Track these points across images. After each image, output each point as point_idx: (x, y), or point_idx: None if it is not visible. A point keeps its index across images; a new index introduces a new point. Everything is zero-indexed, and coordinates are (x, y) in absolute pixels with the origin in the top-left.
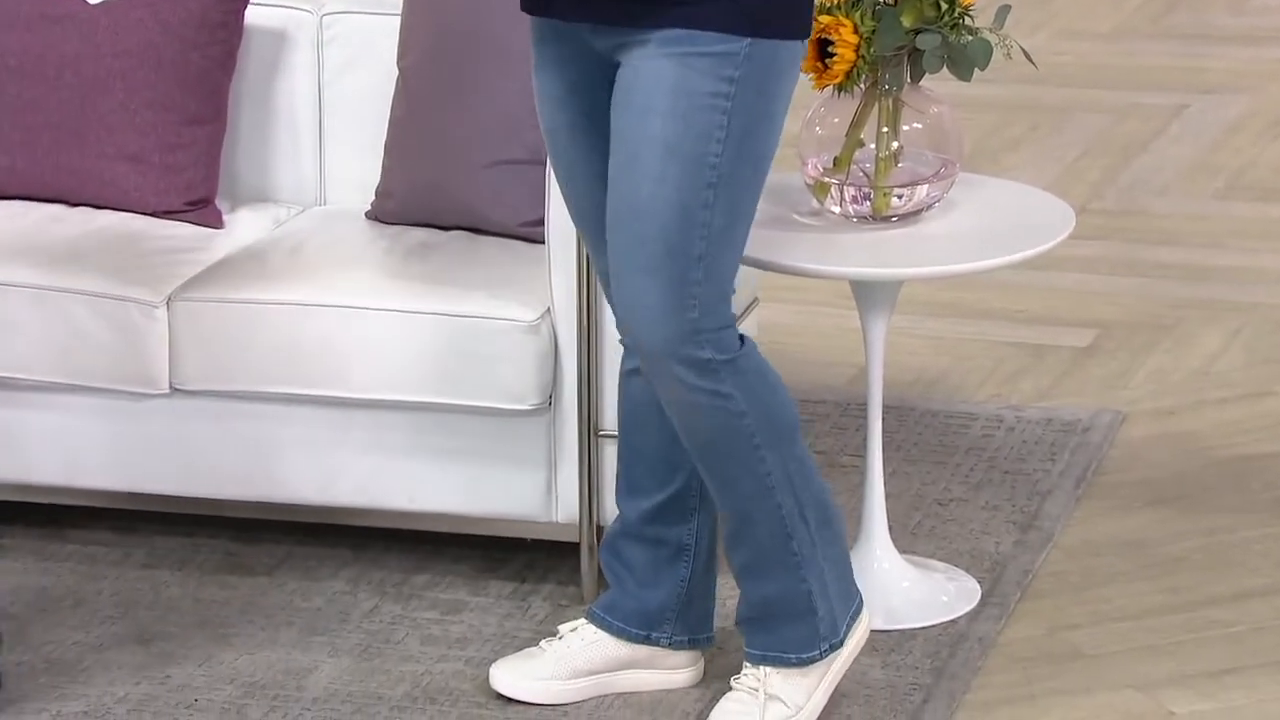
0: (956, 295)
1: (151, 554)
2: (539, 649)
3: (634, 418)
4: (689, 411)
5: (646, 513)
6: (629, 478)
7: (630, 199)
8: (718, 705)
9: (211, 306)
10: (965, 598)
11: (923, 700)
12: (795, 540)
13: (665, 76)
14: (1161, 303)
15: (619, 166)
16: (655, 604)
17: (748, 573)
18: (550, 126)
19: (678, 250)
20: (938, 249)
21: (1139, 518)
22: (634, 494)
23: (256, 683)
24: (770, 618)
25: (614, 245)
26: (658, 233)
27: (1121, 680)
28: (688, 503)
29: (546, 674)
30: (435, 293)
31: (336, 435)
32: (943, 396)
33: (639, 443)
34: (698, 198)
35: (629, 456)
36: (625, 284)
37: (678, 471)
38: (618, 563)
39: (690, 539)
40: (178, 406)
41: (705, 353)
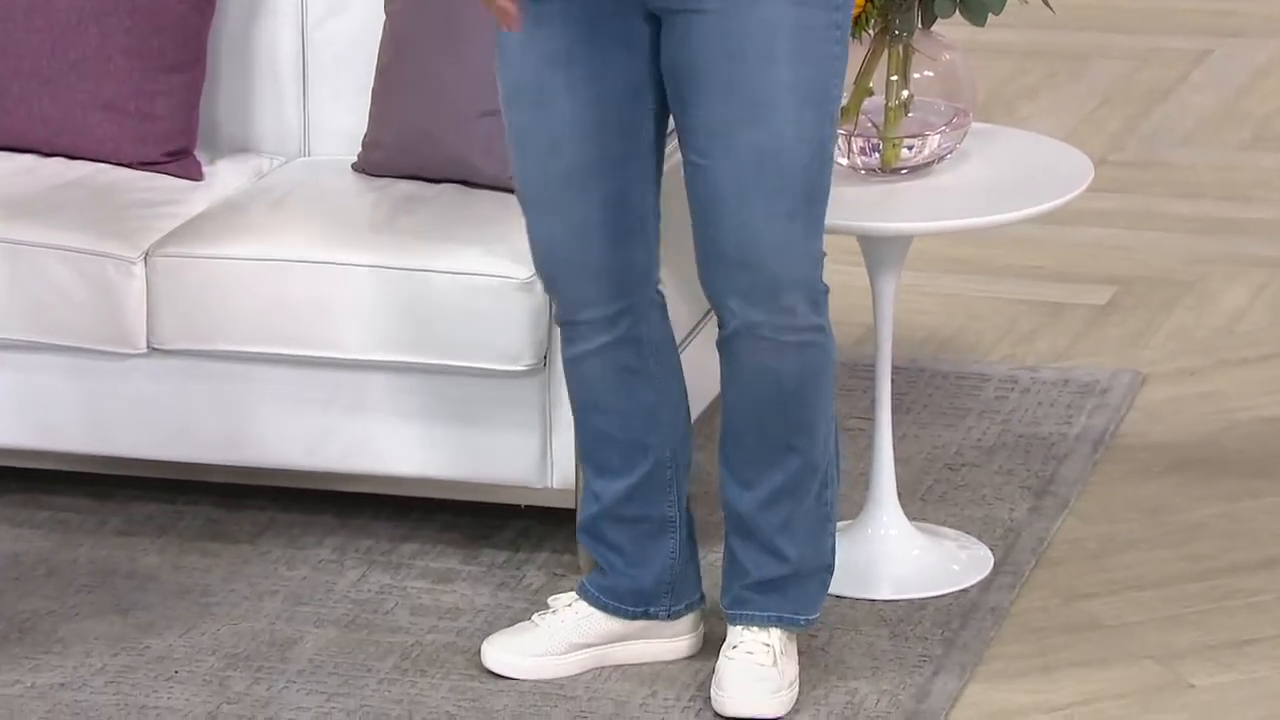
0: (969, 251)
1: (129, 521)
2: (531, 623)
3: (593, 402)
4: (786, 356)
5: (622, 494)
6: (596, 461)
7: (762, 150)
8: (730, 667)
9: (191, 262)
10: (977, 566)
11: (933, 673)
12: (830, 491)
13: (782, 20)
14: (1183, 258)
15: (734, 120)
16: (649, 582)
17: (786, 531)
18: (536, 83)
19: (816, 191)
20: (949, 202)
21: (1159, 483)
22: (605, 475)
23: (239, 654)
24: (793, 578)
25: (738, 197)
26: (799, 178)
27: (1140, 651)
28: (663, 476)
29: (540, 649)
30: (425, 248)
31: (322, 397)
32: (954, 357)
33: (601, 425)
34: (828, 134)
35: (593, 440)
36: (758, 233)
37: (648, 450)
38: (601, 545)
39: (673, 510)
40: (156, 367)
41: (820, 284)
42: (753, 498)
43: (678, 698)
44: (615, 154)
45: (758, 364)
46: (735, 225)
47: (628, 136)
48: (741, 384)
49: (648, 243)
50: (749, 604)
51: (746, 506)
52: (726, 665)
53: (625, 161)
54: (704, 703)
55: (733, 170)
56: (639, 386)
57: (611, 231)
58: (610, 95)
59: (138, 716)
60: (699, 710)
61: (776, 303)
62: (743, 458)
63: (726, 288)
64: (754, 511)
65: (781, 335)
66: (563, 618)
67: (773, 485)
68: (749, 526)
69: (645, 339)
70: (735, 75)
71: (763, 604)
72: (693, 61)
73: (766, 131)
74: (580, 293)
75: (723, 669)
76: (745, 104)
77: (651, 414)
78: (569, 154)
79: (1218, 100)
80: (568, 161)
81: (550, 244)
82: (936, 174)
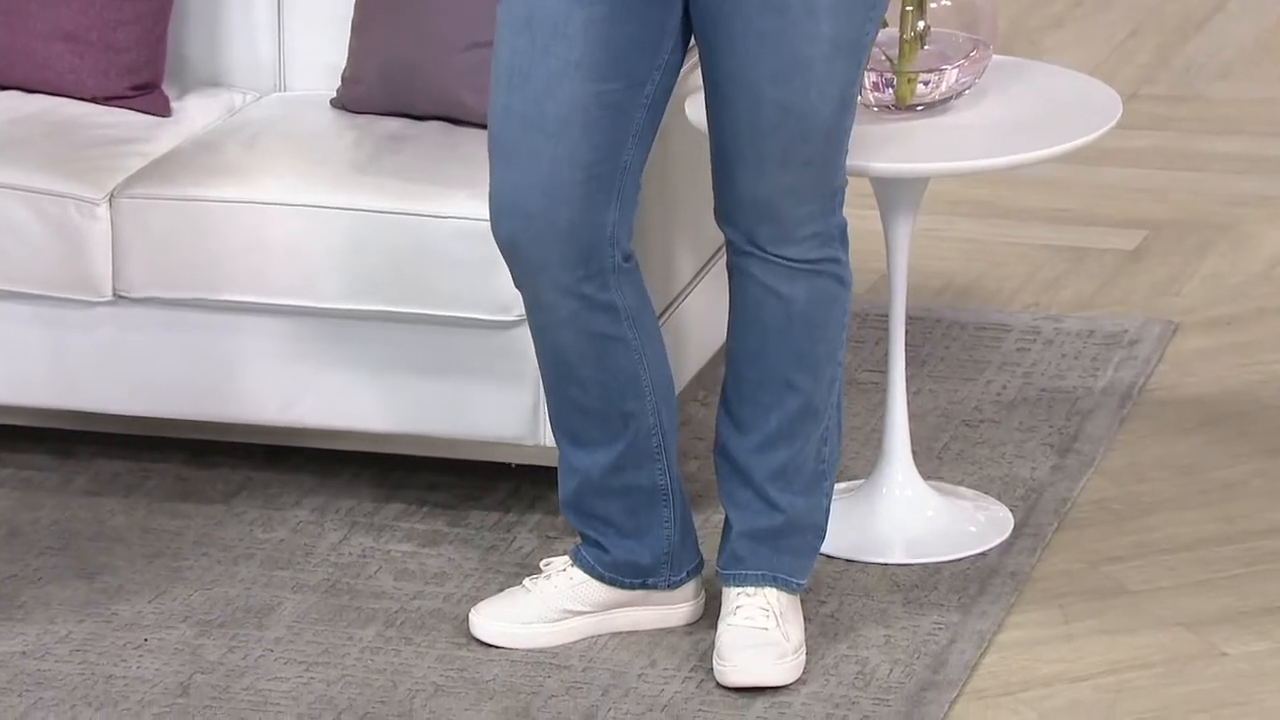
0: (989, 193)
1: (95, 479)
2: (522, 589)
3: (567, 372)
4: (796, 280)
5: (607, 466)
6: (572, 433)
7: (787, 107)
8: (731, 635)
9: (159, 205)
10: (996, 528)
11: (948, 641)
12: (828, 448)
13: None
14: (1219, 199)
15: (765, 75)
16: (646, 555)
17: (778, 479)
18: (550, 17)
19: (836, 134)
20: (968, 141)
21: (1190, 439)
22: (584, 448)
23: (212, 621)
24: (784, 530)
25: (755, 147)
26: (820, 129)
27: (1169, 618)
28: (650, 443)
29: (531, 617)
30: (409, 190)
31: (300, 349)
32: (973, 306)
33: (577, 397)
34: (855, 81)
35: (568, 412)
36: (773, 178)
37: (630, 419)
38: (592, 519)
39: (664, 478)
40: (122, 316)
41: (835, 218)
42: (748, 441)
43: (678, 668)
44: (613, 103)
45: (766, 286)
46: (751, 172)
47: (631, 88)
48: (747, 309)
49: (624, 206)
50: (741, 561)
51: (741, 450)
52: (726, 633)
53: (622, 114)
54: (706, 673)
55: (753, 122)
56: (616, 353)
57: (589, 189)
58: (625, 41)
59: (104, 687)
60: (700, 681)
61: (787, 236)
62: (742, 396)
63: (739, 222)
64: (748, 456)
65: (793, 261)
66: (556, 583)
67: (769, 428)
68: (743, 472)
69: (619, 304)
70: (773, 28)
71: (754, 560)
72: (731, 10)
73: (794, 89)
74: (543, 254)
75: (723, 637)
76: (779, 58)
77: (632, 380)
78: (565, 96)
79: (1257, 30)
80: (562, 105)
81: (519, 196)
82: (954, 111)
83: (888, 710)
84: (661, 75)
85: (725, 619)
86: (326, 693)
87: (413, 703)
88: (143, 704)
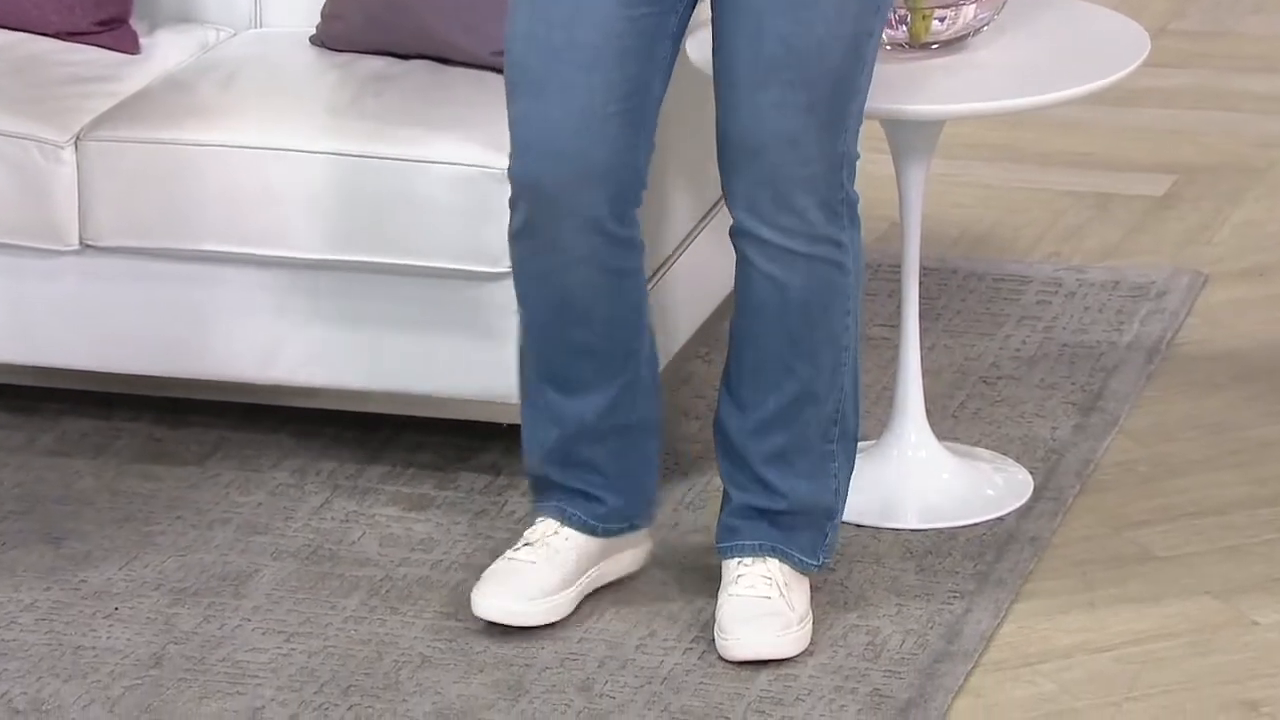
0: (1009, 136)
1: (61, 439)
2: (522, 562)
3: (571, 314)
4: (794, 267)
5: (603, 409)
6: (565, 379)
7: (789, 41)
8: (732, 606)
9: (128, 147)
10: (1015, 491)
11: (964, 610)
12: (839, 429)
13: None
14: (1252, 142)
15: (777, 7)
16: (636, 495)
17: (778, 462)
18: None
19: (845, 87)
20: (986, 81)
21: (1221, 396)
22: (578, 394)
23: (187, 589)
24: (784, 515)
25: (753, 83)
26: (824, 71)
27: (1197, 585)
28: (649, 376)
29: (547, 588)
30: (392, 134)
31: (278, 301)
32: (991, 256)
33: (582, 338)
34: (866, 27)
35: (563, 358)
36: (768, 120)
37: (631, 356)
38: (577, 469)
39: (657, 409)
40: (89, 266)
41: (841, 191)
42: (746, 422)
43: (678, 639)
44: (645, 30)
45: (762, 270)
46: (747, 110)
47: (661, 13)
48: (745, 290)
49: (649, 139)
50: (737, 532)
51: (736, 430)
52: (727, 604)
53: (653, 41)
54: (708, 644)
55: (753, 56)
56: (629, 288)
57: (623, 125)
58: None
59: (73, 658)
60: (702, 652)
61: (786, 203)
62: (741, 376)
63: (734, 178)
64: (745, 438)
65: (790, 242)
66: (555, 548)
67: (766, 411)
68: (738, 452)
69: (638, 239)
70: None
71: (751, 531)
72: None
73: (800, 22)
74: (573, 196)
75: (723, 609)
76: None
77: (638, 313)
78: (598, 20)
79: None
80: (594, 31)
81: (549, 133)
82: (972, 49)
83: (899, 683)
84: (684, 4)
85: (726, 589)
86: (307, 664)
87: (399, 675)
88: (113, 676)
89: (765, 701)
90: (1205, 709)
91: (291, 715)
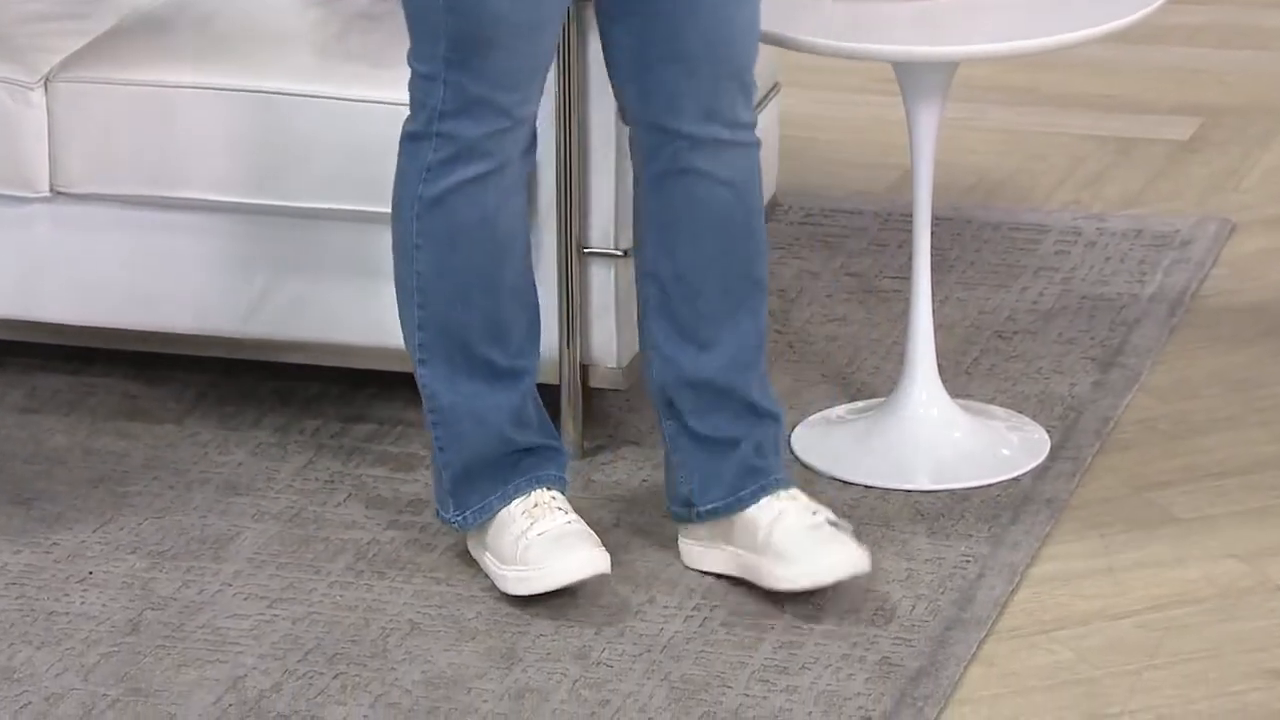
0: (1026, 78)
1: (31, 395)
2: (579, 527)
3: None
4: (747, 157)
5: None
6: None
7: None
8: (790, 538)
9: (101, 89)
10: (1031, 451)
11: (977, 575)
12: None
13: None
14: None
15: None
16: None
17: (764, 384)
18: None
19: None
20: (1002, 20)
21: (1247, 351)
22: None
23: (164, 552)
24: (778, 437)
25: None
26: None
27: (1220, 548)
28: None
29: (593, 543)
30: (379, 76)
31: (259, 252)
32: (1007, 204)
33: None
34: None
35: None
36: (742, 12)
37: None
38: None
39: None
40: (61, 214)
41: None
42: (717, 358)
43: (679, 605)
44: None
45: (720, 178)
46: (720, 7)
47: None
48: (696, 211)
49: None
50: (758, 472)
51: (715, 369)
52: (786, 536)
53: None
54: (711, 609)
55: None
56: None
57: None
58: None
59: (45, 624)
60: (704, 619)
61: (746, 94)
62: (702, 313)
63: (692, 85)
64: (726, 373)
65: (743, 134)
66: (569, 514)
67: (747, 337)
68: (725, 392)
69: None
70: None
71: (774, 467)
72: None
73: None
74: (525, 66)
75: (786, 544)
76: None
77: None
78: None
79: None
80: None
81: (543, 59)
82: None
83: (910, 650)
84: None
85: (775, 528)
86: (291, 631)
87: (386, 642)
88: (88, 643)
89: (769, 670)
90: (1229, 677)
91: (274, 684)
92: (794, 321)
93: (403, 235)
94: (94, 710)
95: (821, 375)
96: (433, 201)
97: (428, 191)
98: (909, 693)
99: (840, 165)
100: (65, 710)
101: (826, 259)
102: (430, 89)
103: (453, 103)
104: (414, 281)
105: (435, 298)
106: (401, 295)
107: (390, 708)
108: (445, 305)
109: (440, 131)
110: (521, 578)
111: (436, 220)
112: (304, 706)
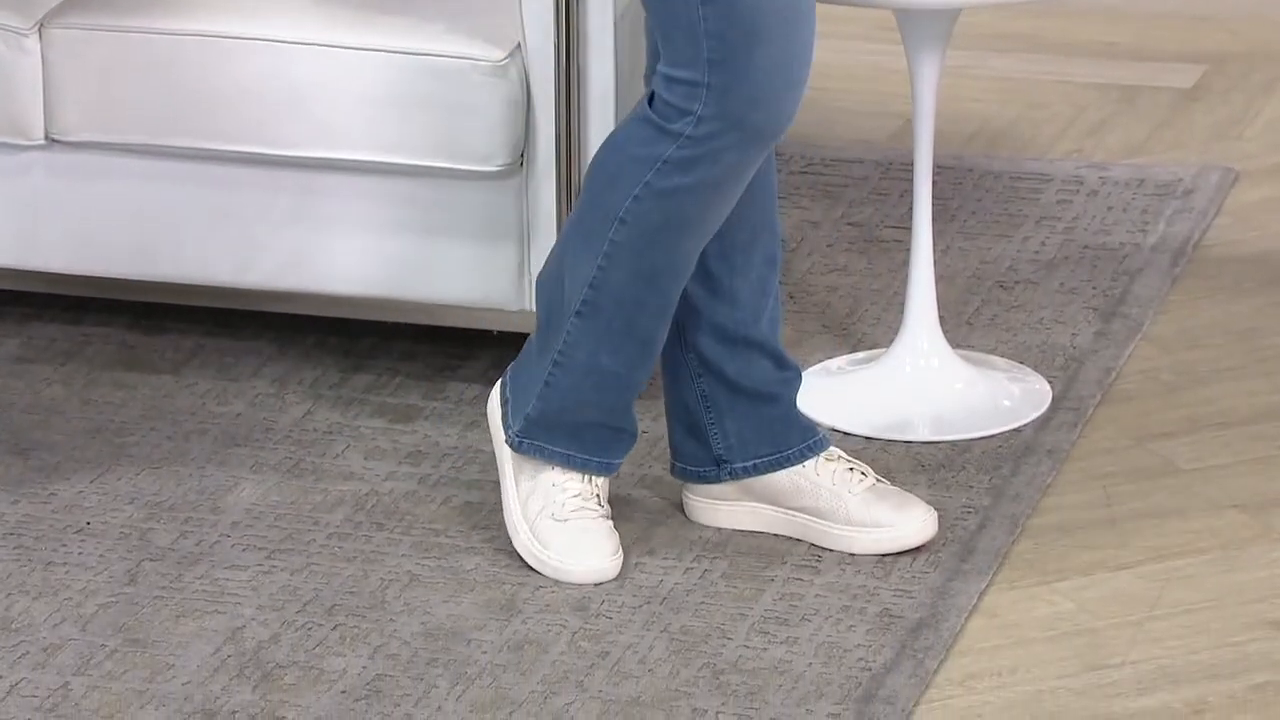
0: (1028, 24)
1: (28, 345)
2: (602, 518)
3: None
4: None
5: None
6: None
7: None
8: (867, 499)
9: (98, 35)
10: (1032, 402)
11: (978, 526)
12: None
13: None
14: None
15: None
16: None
17: (778, 332)
18: None
19: None
20: None
21: (1251, 301)
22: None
23: (162, 503)
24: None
25: None
26: None
27: (1224, 499)
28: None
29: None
30: (380, 24)
31: (258, 201)
32: (1008, 153)
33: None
34: None
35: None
36: None
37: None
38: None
39: None
40: (57, 162)
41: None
42: (744, 311)
43: (679, 557)
44: None
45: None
46: None
47: None
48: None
49: None
50: (811, 429)
51: (745, 324)
52: (859, 501)
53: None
54: (711, 561)
55: None
56: None
57: None
58: None
59: (43, 574)
60: (703, 572)
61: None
62: (734, 266)
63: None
64: (753, 327)
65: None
66: (603, 507)
67: (770, 283)
68: (759, 346)
69: None
70: None
71: (814, 423)
72: None
73: None
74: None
75: (858, 506)
76: None
77: None
78: None
79: None
80: None
81: (806, 50)
82: None
83: (910, 602)
84: None
85: (849, 489)
86: (290, 583)
87: (385, 594)
88: (85, 594)
89: (769, 621)
90: (1231, 627)
91: (273, 635)
92: (795, 272)
93: (611, 201)
94: (92, 660)
95: (822, 326)
96: (660, 193)
97: (658, 183)
98: (909, 644)
99: (841, 114)
100: (63, 660)
101: (827, 208)
102: (692, 94)
103: (712, 113)
104: (604, 246)
105: (620, 269)
106: (580, 244)
107: (389, 659)
108: (628, 279)
109: (693, 135)
110: (526, 546)
111: (654, 211)
112: (302, 657)
